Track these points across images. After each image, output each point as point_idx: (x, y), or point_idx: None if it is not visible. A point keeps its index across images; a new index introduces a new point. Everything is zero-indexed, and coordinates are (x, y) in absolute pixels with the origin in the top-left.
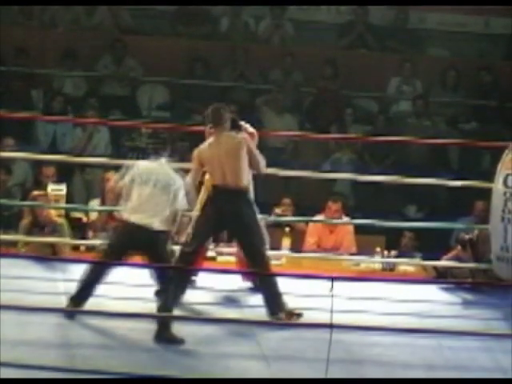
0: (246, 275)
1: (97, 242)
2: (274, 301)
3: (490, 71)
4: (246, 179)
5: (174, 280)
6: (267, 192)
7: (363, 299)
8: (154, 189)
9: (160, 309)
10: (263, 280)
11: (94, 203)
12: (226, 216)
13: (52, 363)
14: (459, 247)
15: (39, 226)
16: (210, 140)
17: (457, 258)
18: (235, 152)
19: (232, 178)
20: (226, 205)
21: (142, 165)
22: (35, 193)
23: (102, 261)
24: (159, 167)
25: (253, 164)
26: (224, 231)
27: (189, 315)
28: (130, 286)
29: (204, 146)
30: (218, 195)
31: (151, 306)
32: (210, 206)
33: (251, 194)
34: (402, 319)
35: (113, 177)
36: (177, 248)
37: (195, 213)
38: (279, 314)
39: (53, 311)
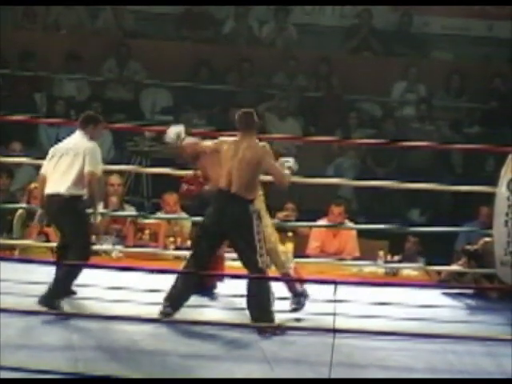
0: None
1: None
2: (261, 319)
3: (494, 75)
4: (254, 191)
5: (179, 284)
6: (270, 197)
7: (366, 304)
8: (64, 158)
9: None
10: (253, 297)
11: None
12: (225, 221)
13: (55, 367)
14: (465, 259)
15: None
16: (236, 139)
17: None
18: (253, 162)
19: (239, 185)
20: (226, 209)
21: (60, 143)
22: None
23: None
24: (73, 139)
25: (275, 176)
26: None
27: (191, 319)
28: (133, 291)
29: (229, 140)
30: (220, 199)
31: (153, 310)
32: (212, 210)
33: (256, 206)
34: (406, 324)
35: (116, 182)
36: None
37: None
38: (266, 334)
39: (55, 314)
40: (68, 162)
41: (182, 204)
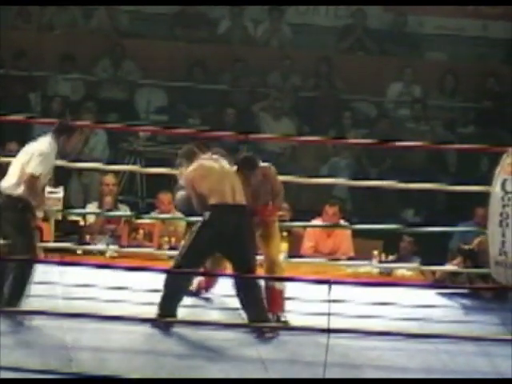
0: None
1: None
2: (258, 321)
3: (489, 75)
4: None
5: (169, 286)
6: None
7: (361, 304)
8: (17, 158)
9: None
10: (248, 302)
11: (92, 206)
12: (227, 232)
13: (49, 367)
14: (459, 259)
15: None
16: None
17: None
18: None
19: (240, 196)
20: (230, 220)
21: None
22: None
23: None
24: (37, 141)
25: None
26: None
27: (186, 319)
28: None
29: (211, 160)
30: (223, 212)
31: (148, 310)
32: (212, 226)
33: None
34: (400, 324)
35: (111, 181)
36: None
37: None
38: (265, 336)
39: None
40: (17, 163)
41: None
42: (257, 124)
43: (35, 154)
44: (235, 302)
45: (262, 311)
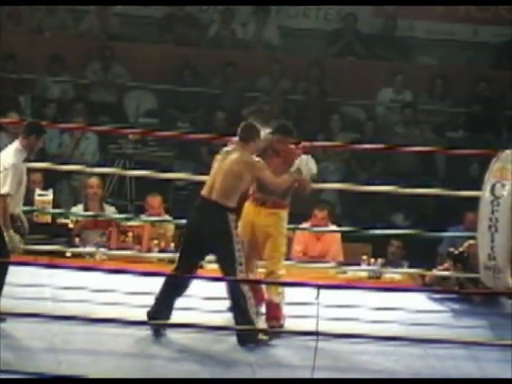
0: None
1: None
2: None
3: (478, 79)
4: (234, 201)
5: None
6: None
7: (349, 307)
8: None
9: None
10: (235, 306)
11: (77, 209)
12: (203, 227)
13: (38, 369)
14: (450, 262)
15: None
16: (230, 148)
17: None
18: (235, 173)
19: (219, 193)
20: (204, 216)
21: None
22: None
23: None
24: (6, 152)
25: (268, 185)
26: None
27: (175, 322)
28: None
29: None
30: (200, 205)
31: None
32: (192, 217)
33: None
34: (389, 327)
35: (96, 182)
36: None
37: None
38: (249, 344)
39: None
40: None
41: (165, 207)
42: None
43: (2, 170)
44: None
45: (243, 320)
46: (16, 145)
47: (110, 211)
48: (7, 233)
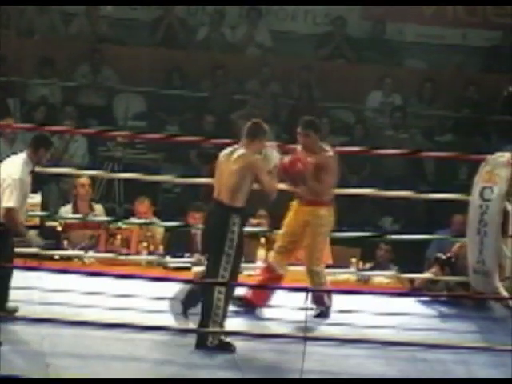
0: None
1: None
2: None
3: (467, 83)
4: (241, 199)
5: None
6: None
7: (338, 311)
8: None
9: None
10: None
11: (66, 209)
12: (207, 225)
13: (25, 373)
14: (437, 267)
15: None
16: (235, 147)
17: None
18: (238, 171)
19: (224, 192)
20: (210, 218)
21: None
22: None
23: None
24: (11, 163)
25: (263, 186)
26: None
27: (164, 325)
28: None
29: (225, 150)
30: (211, 207)
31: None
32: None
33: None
34: (377, 331)
35: (86, 182)
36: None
37: None
38: (208, 344)
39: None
40: None
41: (154, 210)
42: (236, 131)
43: (9, 183)
44: None
45: (201, 324)
46: (23, 157)
47: (99, 210)
48: (26, 237)
